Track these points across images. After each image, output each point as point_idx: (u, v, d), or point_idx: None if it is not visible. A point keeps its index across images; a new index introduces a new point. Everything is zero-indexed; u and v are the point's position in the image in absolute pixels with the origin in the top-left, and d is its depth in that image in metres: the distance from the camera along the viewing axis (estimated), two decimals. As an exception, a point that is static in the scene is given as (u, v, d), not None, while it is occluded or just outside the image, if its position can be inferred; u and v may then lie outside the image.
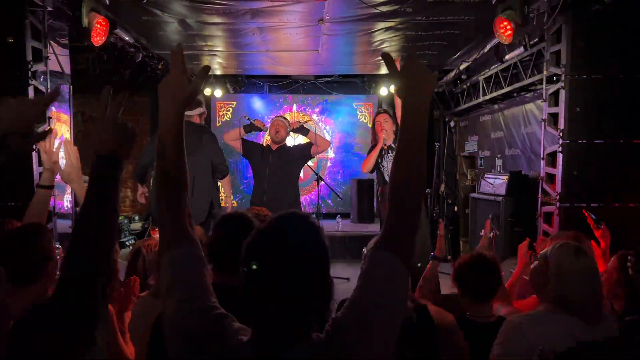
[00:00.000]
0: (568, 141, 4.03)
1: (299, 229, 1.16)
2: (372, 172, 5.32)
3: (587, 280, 1.83)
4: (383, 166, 5.12)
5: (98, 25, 4.16)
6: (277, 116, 5.62)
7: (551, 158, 4.23)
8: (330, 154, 8.84)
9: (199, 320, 1.16)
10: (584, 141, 4.00)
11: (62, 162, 2.28)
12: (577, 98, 3.98)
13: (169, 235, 1.26)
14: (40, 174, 3.93)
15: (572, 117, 3.98)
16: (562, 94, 4.00)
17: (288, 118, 5.72)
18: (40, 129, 3.87)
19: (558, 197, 4.03)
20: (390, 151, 5.05)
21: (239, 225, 1.90)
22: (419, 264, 3.56)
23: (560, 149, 4.03)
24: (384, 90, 8.16)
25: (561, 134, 4.02)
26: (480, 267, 2.29)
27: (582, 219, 3.50)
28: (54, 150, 2.33)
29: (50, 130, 2.18)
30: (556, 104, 4.15)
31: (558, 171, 4.07)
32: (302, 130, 5.45)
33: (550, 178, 4.24)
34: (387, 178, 5.03)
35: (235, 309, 1.21)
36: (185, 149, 1.31)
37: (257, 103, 8.73)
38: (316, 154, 5.36)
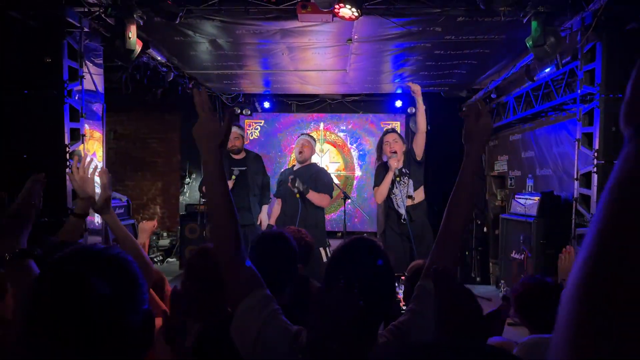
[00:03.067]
0: (603, 161, 3.92)
1: (374, 252, 1.31)
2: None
3: None
4: (394, 193, 4.76)
5: (137, 47, 4.27)
6: (303, 134, 5.43)
7: (585, 179, 4.12)
8: (357, 172, 8.82)
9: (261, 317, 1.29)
10: (620, 162, 3.88)
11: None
12: (613, 117, 3.88)
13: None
14: (73, 190, 4.03)
15: (608, 136, 3.88)
16: (597, 113, 3.91)
17: (314, 136, 5.67)
18: (73, 147, 3.92)
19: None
20: (401, 177, 4.70)
21: (278, 243, 1.91)
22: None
23: (595, 169, 3.93)
24: (410, 109, 8.14)
25: (596, 154, 3.92)
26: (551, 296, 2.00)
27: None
28: (89, 176, 2.21)
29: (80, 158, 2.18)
30: (590, 123, 4.05)
31: (593, 192, 3.96)
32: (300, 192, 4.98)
33: (585, 199, 4.13)
34: (397, 205, 4.77)
35: None
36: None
37: (285, 122, 8.80)
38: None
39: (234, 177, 5.24)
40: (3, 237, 1.35)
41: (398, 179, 4.66)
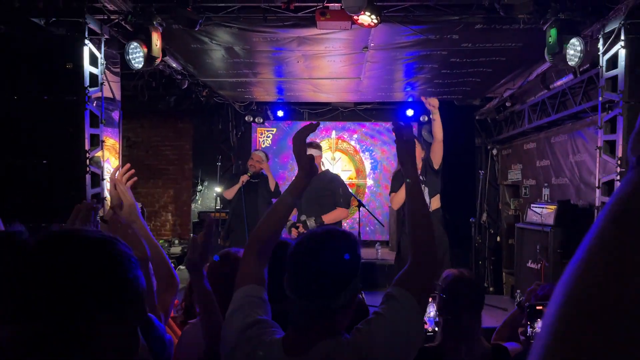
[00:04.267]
0: (625, 169, 3.87)
1: (338, 237, 1.35)
2: None
3: None
4: None
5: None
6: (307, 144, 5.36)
7: (608, 187, 4.07)
8: (369, 181, 8.79)
9: (240, 326, 1.35)
10: (643, 170, 3.84)
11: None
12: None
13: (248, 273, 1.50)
14: (92, 196, 4.03)
15: (631, 144, 3.84)
16: (620, 121, 3.87)
17: (325, 144, 5.65)
18: (93, 153, 3.92)
19: (616, 227, 3.86)
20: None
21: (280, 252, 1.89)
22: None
23: (618, 177, 3.88)
24: (423, 117, 8.11)
25: (619, 162, 3.88)
26: None
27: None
28: (128, 184, 2.19)
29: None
30: (613, 131, 4.01)
31: (616, 201, 3.91)
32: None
33: (607, 208, 4.08)
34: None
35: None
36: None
37: (297, 130, 8.80)
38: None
39: (249, 173, 5.62)
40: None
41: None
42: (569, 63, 3.82)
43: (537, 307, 2.17)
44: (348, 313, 1.32)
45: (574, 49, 3.82)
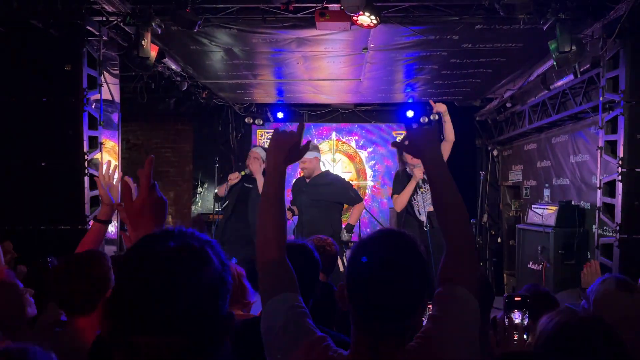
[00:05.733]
0: (626, 169, 3.86)
1: (408, 244, 1.24)
2: None
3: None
4: (416, 200, 4.72)
5: (152, 53, 4.27)
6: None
7: (609, 187, 4.05)
8: (369, 181, 8.77)
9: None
10: (646, 170, 3.83)
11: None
12: (637, 125, 3.83)
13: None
14: (91, 198, 4.01)
15: (632, 144, 3.83)
16: (621, 121, 3.85)
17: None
18: (91, 155, 3.92)
19: (618, 227, 3.85)
20: (423, 184, 4.65)
21: (303, 255, 1.87)
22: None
23: (619, 177, 3.87)
24: (423, 119, 8.09)
25: (620, 162, 3.86)
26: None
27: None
28: (114, 183, 2.21)
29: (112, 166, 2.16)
30: (614, 131, 4.00)
31: (617, 201, 3.90)
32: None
33: (608, 208, 4.06)
34: (418, 212, 4.72)
35: None
36: None
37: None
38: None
39: (243, 172, 5.13)
40: None
41: (422, 189, 4.64)
42: (567, 64, 3.81)
43: (516, 298, 2.17)
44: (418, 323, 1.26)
45: (573, 49, 3.80)
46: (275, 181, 1.46)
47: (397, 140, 1.62)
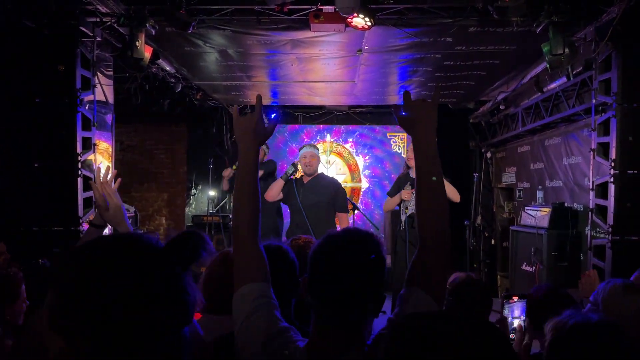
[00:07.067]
0: (619, 171, 3.89)
1: (363, 239, 1.26)
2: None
3: None
4: (409, 199, 4.85)
5: (146, 54, 4.26)
6: (307, 145, 5.15)
7: (601, 189, 4.08)
8: (364, 183, 8.78)
9: (264, 335, 1.27)
10: (637, 171, 3.85)
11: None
12: (629, 127, 3.86)
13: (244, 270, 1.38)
14: (84, 200, 3.99)
15: (624, 146, 3.85)
16: (613, 123, 3.88)
17: (320, 148, 5.61)
18: (84, 157, 3.90)
19: (610, 229, 3.87)
20: (412, 187, 4.78)
21: (276, 256, 1.87)
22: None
23: (612, 179, 3.89)
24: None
25: (612, 164, 3.88)
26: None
27: (635, 252, 3.33)
28: (114, 187, 2.17)
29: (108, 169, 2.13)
30: (606, 133, 4.02)
31: (610, 203, 3.92)
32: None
33: (601, 210, 4.09)
34: (401, 211, 4.87)
35: None
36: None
37: (291, 133, 8.79)
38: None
39: (234, 166, 5.38)
40: None
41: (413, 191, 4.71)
42: (560, 66, 3.83)
43: (513, 297, 2.21)
44: (371, 322, 1.27)
45: (566, 51, 3.83)
46: (248, 165, 1.46)
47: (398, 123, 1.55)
